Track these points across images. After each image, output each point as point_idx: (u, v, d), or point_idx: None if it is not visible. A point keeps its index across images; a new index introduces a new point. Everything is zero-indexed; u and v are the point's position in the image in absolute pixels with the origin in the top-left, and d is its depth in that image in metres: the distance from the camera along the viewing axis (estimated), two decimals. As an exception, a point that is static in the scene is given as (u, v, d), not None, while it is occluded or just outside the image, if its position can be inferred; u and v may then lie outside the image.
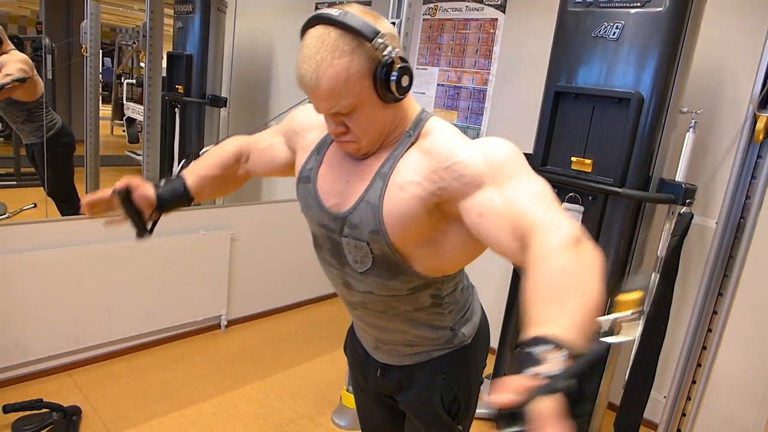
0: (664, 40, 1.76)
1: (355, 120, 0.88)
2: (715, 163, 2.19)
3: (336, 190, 0.98)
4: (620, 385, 2.09)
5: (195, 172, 1.18)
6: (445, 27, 2.97)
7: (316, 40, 0.83)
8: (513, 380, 0.54)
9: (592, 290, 0.65)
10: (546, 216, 0.76)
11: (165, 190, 1.13)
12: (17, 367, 2.24)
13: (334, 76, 0.82)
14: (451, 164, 0.85)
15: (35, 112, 3.07)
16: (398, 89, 0.86)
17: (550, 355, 0.56)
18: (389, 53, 0.84)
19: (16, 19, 4.62)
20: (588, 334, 0.60)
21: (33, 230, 2.26)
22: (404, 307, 1.03)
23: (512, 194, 0.80)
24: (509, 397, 0.53)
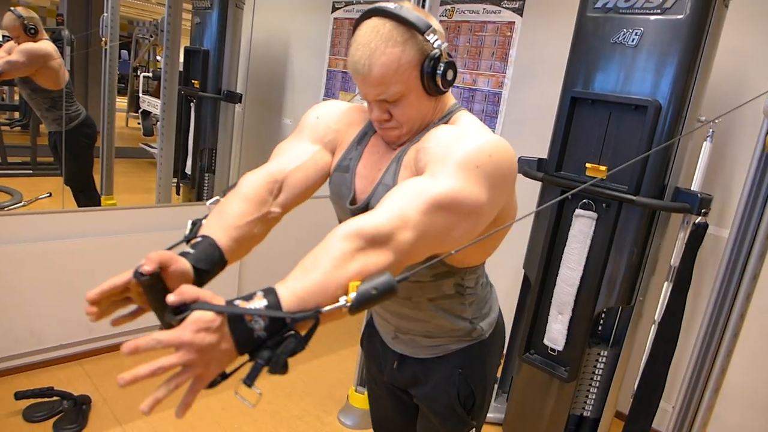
0: (684, 48, 1.74)
1: (400, 108, 0.92)
2: (731, 173, 2.16)
3: (370, 178, 1.01)
4: (629, 394, 2.08)
5: (224, 226, 0.88)
6: (462, 29, 2.96)
7: (371, 30, 0.87)
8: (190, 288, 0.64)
9: (334, 277, 0.67)
10: (379, 209, 0.76)
11: (199, 260, 0.81)
12: (30, 354, 2.27)
13: (386, 64, 0.86)
14: (421, 148, 0.90)
15: (59, 101, 3.11)
16: (443, 82, 0.90)
17: (258, 298, 0.63)
18: (438, 47, 0.89)
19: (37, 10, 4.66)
20: (304, 306, 0.65)
21: (49, 220, 2.29)
22: (428, 294, 1.05)
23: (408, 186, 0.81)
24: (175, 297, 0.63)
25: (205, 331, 0.60)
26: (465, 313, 1.09)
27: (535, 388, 2.17)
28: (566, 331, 2.02)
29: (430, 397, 1.15)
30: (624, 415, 2.14)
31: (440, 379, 1.12)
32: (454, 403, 1.11)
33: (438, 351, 1.12)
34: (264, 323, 0.62)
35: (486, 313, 1.14)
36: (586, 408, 2.13)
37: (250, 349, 0.64)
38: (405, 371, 1.17)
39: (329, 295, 0.66)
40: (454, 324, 1.09)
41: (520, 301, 2.34)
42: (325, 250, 0.70)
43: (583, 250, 1.96)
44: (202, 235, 0.86)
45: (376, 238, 0.71)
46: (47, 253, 2.22)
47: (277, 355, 0.63)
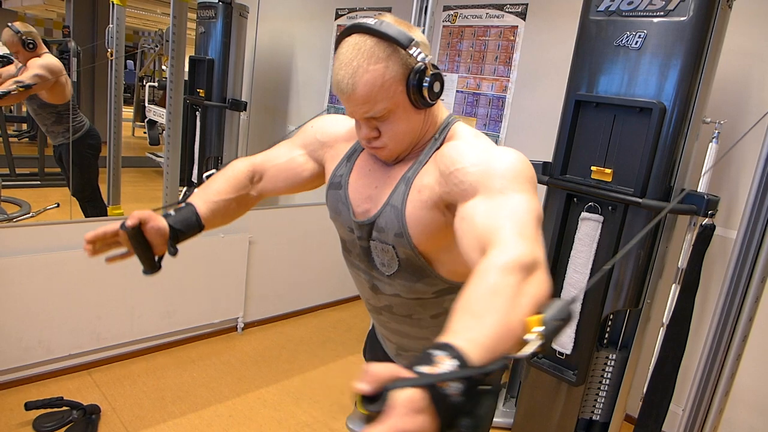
0: (688, 50, 1.74)
1: (389, 124, 0.91)
2: (738, 174, 2.15)
3: (366, 195, 1.01)
4: (638, 398, 2.07)
5: (205, 198, 1.08)
6: (465, 34, 2.97)
7: (353, 48, 0.86)
8: (379, 367, 0.54)
9: (513, 315, 0.63)
10: (509, 235, 0.74)
11: (176, 221, 1.02)
12: (39, 365, 2.28)
13: (370, 82, 0.85)
14: (454, 170, 0.88)
15: (64, 114, 3.14)
16: (430, 94, 0.89)
17: (442, 360, 0.55)
18: (422, 60, 0.87)
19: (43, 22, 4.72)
20: (493, 355, 0.58)
21: (57, 231, 2.31)
22: (429, 311, 1.05)
23: (495, 208, 0.81)
24: (368, 385, 0.53)
25: (416, 412, 0.52)
26: None
27: (544, 392, 2.16)
28: (574, 334, 2.02)
29: None
30: (633, 418, 2.13)
31: None
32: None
33: None
34: (461, 387, 0.54)
35: None
36: (596, 412, 2.12)
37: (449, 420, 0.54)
38: None
39: (514, 336, 0.62)
40: None
41: (527, 306, 2.34)
42: (492, 290, 0.65)
43: (589, 253, 1.95)
44: (187, 202, 1.06)
45: (531, 265, 0.69)
46: (56, 264, 2.24)
47: (479, 418, 0.55)
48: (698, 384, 1.55)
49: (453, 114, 1.01)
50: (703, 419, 1.56)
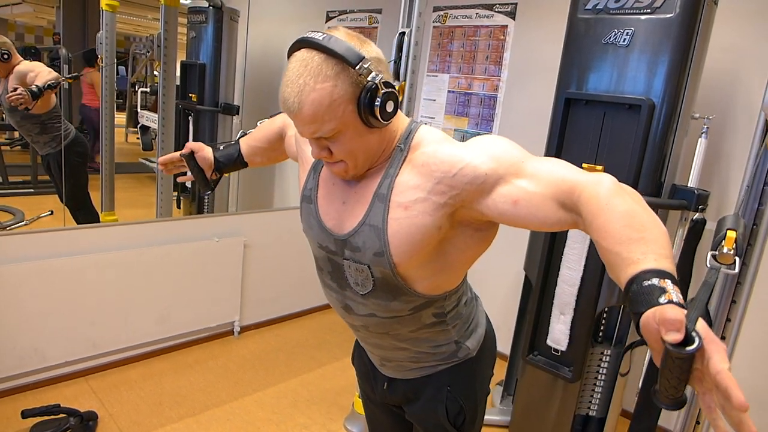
0: (675, 46, 1.75)
1: (340, 144, 0.87)
2: (727, 168, 2.17)
3: (333, 211, 0.98)
4: (634, 393, 2.08)
5: (248, 142, 1.33)
6: (455, 34, 2.98)
7: (300, 64, 0.82)
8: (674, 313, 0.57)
9: (656, 221, 0.70)
10: (580, 177, 0.79)
11: (222, 154, 1.32)
12: (35, 372, 2.28)
13: (317, 101, 0.81)
14: (459, 170, 0.85)
15: (48, 124, 3.13)
16: (383, 114, 0.85)
17: (665, 283, 0.62)
18: (373, 79, 0.83)
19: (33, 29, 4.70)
20: (671, 257, 0.67)
21: (51, 238, 2.30)
22: (406, 328, 1.03)
23: (535, 173, 0.82)
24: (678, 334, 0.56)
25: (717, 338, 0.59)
26: (449, 335, 1.07)
27: (540, 389, 2.17)
28: (569, 331, 2.03)
29: (420, 415, 1.14)
30: (630, 413, 2.14)
31: (429, 398, 1.11)
32: (443, 420, 1.09)
33: (425, 371, 1.11)
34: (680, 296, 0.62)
35: (472, 329, 1.11)
36: (592, 407, 2.13)
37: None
38: (395, 391, 1.17)
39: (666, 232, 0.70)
40: (438, 349, 1.07)
41: (521, 303, 2.35)
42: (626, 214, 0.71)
43: (582, 250, 1.97)
44: (236, 140, 1.36)
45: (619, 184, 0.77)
46: (50, 271, 2.24)
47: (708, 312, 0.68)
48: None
49: (414, 120, 0.98)
50: (698, 413, 1.57)
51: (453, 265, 0.96)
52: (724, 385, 0.54)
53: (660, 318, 0.57)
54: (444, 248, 0.92)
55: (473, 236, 0.93)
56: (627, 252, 0.67)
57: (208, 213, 3.82)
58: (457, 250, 0.94)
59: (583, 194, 0.76)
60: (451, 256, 0.94)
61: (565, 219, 0.81)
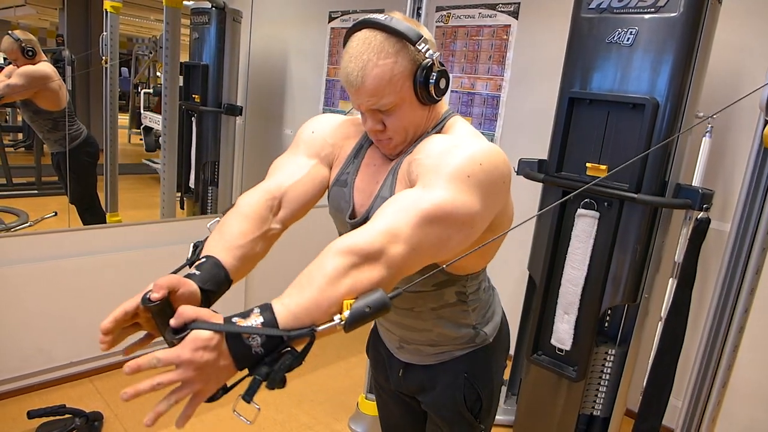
0: (679, 45, 1.75)
1: (394, 118, 0.92)
2: (732, 167, 2.17)
3: (368, 192, 1.01)
4: (639, 392, 2.08)
5: (226, 246, 0.89)
6: (458, 34, 2.98)
7: (363, 42, 0.88)
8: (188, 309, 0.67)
9: (328, 294, 0.69)
10: (372, 224, 0.77)
11: (205, 280, 0.83)
12: (41, 373, 2.29)
13: (379, 76, 0.87)
14: (414, 159, 0.90)
15: (60, 122, 3.14)
16: (436, 91, 0.91)
17: (255, 316, 0.67)
18: (430, 56, 0.89)
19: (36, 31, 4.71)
20: (299, 323, 0.68)
21: (56, 239, 2.31)
22: (430, 304, 1.06)
23: (399, 199, 0.82)
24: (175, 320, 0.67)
25: (203, 349, 0.64)
26: (468, 319, 1.10)
27: (544, 388, 2.17)
28: (573, 330, 2.03)
29: (437, 403, 1.15)
30: (634, 413, 2.13)
31: (446, 385, 1.12)
32: (461, 408, 1.11)
33: (443, 357, 1.13)
34: (261, 340, 0.65)
35: (489, 317, 1.14)
36: (596, 407, 2.13)
37: (248, 365, 0.67)
38: (411, 379, 1.18)
39: (323, 312, 0.69)
40: (458, 332, 1.10)
41: (525, 303, 2.35)
42: (319, 267, 0.72)
43: (586, 250, 1.96)
44: (206, 255, 0.87)
45: (369, 254, 0.73)
46: (55, 272, 2.24)
47: (274, 371, 0.66)
48: (696, 376, 1.56)
49: (452, 110, 1.02)
50: (702, 411, 1.57)
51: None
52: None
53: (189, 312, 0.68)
54: None
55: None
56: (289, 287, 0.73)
57: (212, 213, 3.83)
58: None
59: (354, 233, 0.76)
60: None
61: None
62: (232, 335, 0.65)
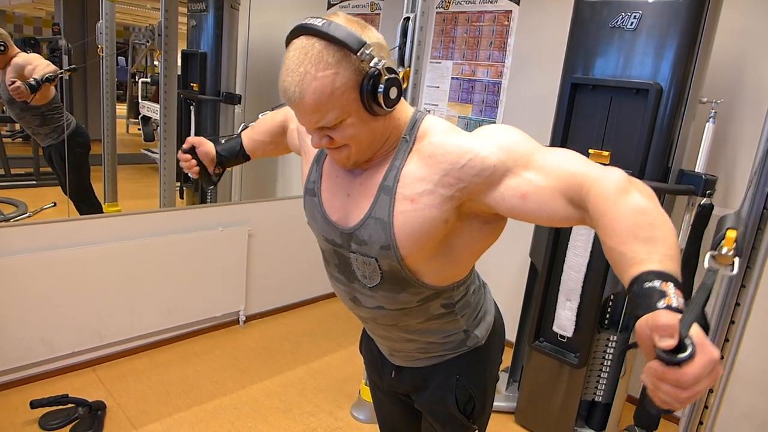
0: (683, 30, 1.73)
1: (342, 133, 0.85)
2: (735, 153, 2.16)
3: (337, 204, 0.97)
4: (640, 378, 2.08)
5: (250, 135, 1.31)
6: (459, 20, 2.96)
7: (300, 52, 0.80)
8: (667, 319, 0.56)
9: (665, 220, 0.69)
10: (590, 171, 0.77)
11: (223, 148, 1.29)
12: (43, 363, 2.29)
13: (319, 90, 0.79)
14: (467, 162, 0.83)
15: (48, 115, 3.11)
16: (386, 101, 0.83)
17: (666, 287, 0.61)
18: (375, 64, 0.81)
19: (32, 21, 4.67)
20: (678, 260, 0.66)
21: (55, 229, 2.30)
22: (415, 320, 1.02)
23: (544, 166, 0.81)
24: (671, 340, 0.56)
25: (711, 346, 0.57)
26: (458, 325, 1.06)
27: (546, 375, 2.17)
28: (575, 317, 2.03)
29: (429, 403, 1.13)
30: (635, 399, 2.15)
31: (438, 386, 1.10)
32: (452, 409, 1.09)
33: (434, 360, 1.10)
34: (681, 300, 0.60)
35: (480, 318, 1.10)
36: (598, 393, 2.14)
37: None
38: (403, 380, 1.16)
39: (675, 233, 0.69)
40: (447, 339, 1.07)
41: (527, 290, 2.34)
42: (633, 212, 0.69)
43: (589, 236, 1.96)
44: (238, 134, 1.33)
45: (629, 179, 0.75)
46: (55, 262, 2.24)
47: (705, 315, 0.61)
48: (700, 362, 1.56)
49: (419, 109, 0.96)
50: (705, 397, 1.57)
51: (461, 257, 0.95)
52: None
53: (653, 324, 0.56)
54: (451, 241, 0.91)
55: (481, 229, 0.91)
56: (631, 252, 0.66)
57: (212, 203, 3.81)
58: (465, 244, 0.93)
59: (591, 190, 0.74)
60: (459, 249, 0.93)
61: (572, 215, 0.79)
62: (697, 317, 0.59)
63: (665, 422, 2.29)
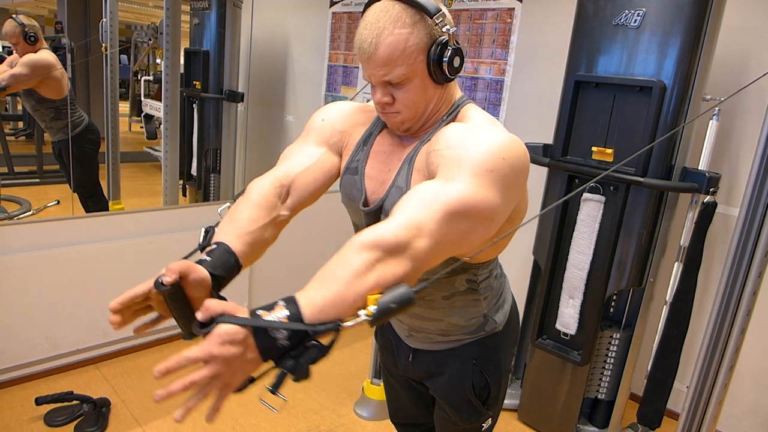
0: (687, 27, 1.73)
1: (404, 92, 0.90)
2: (739, 150, 2.15)
3: (380, 180, 1.00)
4: (643, 376, 2.09)
5: (236, 232, 0.90)
6: (462, 17, 2.95)
7: (380, 11, 0.86)
8: (214, 303, 0.68)
9: (354, 287, 0.69)
10: (395, 216, 0.77)
11: (216, 266, 0.84)
12: (47, 360, 2.30)
13: (393, 44, 0.85)
14: (433, 150, 0.89)
15: (63, 110, 3.13)
16: (450, 69, 0.89)
17: (280, 309, 0.66)
18: (447, 31, 0.87)
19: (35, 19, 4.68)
20: (324, 316, 0.67)
21: (59, 227, 2.31)
22: (441, 292, 1.05)
23: (421, 191, 0.81)
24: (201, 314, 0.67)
25: (230, 344, 0.64)
26: (479, 307, 1.09)
27: (549, 372, 2.18)
28: (578, 315, 2.03)
29: (445, 389, 1.15)
30: (638, 396, 2.15)
31: (455, 371, 1.12)
32: (469, 394, 1.11)
33: (452, 344, 1.13)
34: (287, 333, 0.65)
35: (500, 304, 1.14)
36: (600, 391, 2.14)
37: (274, 357, 0.67)
38: (419, 364, 1.18)
39: (348, 306, 0.69)
40: (468, 321, 1.09)
41: (531, 288, 2.35)
42: (344, 261, 0.71)
43: (592, 234, 1.96)
44: (216, 242, 0.87)
45: (394, 248, 0.72)
46: (59, 260, 2.24)
47: (300, 364, 0.67)
48: (704, 359, 1.56)
49: (465, 96, 1.00)
50: (708, 394, 1.57)
51: None
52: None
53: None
54: None
55: None
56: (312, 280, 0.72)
57: (215, 200, 3.82)
58: None
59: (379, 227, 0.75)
60: None
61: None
62: (259, 329, 0.65)
63: (668, 419, 2.30)
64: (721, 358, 1.57)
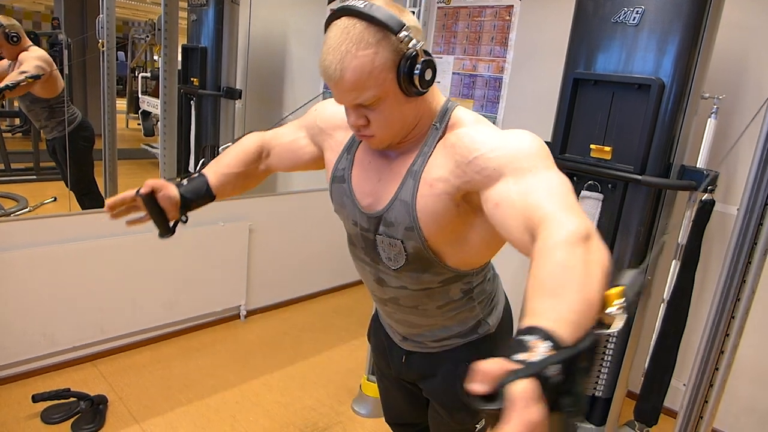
0: (686, 25, 1.73)
1: (378, 113, 0.88)
2: (737, 149, 2.15)
3: (369, 189, 1.00)
4: (640, 373, 2.09)
5: (216, 170, 1.16)
6: (460, 15, 2.95)
7: (341, 32, 0.83)
8: (489, 365, 0.55)
9: (590, 287, 0.63)
10: (557, 211, 0.74)
11: (187, 190, 1.11)
12: (44, 357, 2.29)
13: (358, 68, 0.82)
14: (474, 158, 0.86)
15: (56, 108, 3.12)
16: (421, 83, 0.86)
17: (536, 344, 0.55)
18: (413, 46, 0.84)
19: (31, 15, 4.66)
20: (581, 329, 0.58)
21: (56, 224, 2.30)
22: (435, 302, 1.05)
23: (529, 187, 0.80)
24: (483, 385, 0.54)
25: (535, 403, 0.51)
26: (475, 312, 1.09)
27: (547, 370, 2.17)
28: (576, 313, 2.03)
29: (437, 390, 1.15)
30: (635, 394, 2.15)
31: (447, 373, 1.12)
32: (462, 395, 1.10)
33: (445, 347, 1.12)
34: (560, 367, 0.54)
35: (493, 306, 1.13)
36: (598, 388, 2.14)
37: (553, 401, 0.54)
38: (413, 366, 1.18)
39: (595, 309, 0.62)
40: (462, 326, 1.10)
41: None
42: (563, 266, 0.65)
43: (590, 232, 1.96)
44: (200, 173, 1.15)
45: (588, 235, 0.69)
46: (56, 257, 2.24)
47: (578, 396, 0.55)
48: (702, 357, 1.57)
49: (450, 98, 0.99)
50: (705, 391, 1.58)
51: (478, 248, 0.98)
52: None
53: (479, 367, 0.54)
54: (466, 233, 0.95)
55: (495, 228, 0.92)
56: (535, 303, 0.62)
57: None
58: (479, 237, 0.96)
59: (544, 230, 0.72)
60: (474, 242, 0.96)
61: (523, 243, 0.78)
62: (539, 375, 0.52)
63: (665, 417, 2.30)
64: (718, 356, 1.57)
